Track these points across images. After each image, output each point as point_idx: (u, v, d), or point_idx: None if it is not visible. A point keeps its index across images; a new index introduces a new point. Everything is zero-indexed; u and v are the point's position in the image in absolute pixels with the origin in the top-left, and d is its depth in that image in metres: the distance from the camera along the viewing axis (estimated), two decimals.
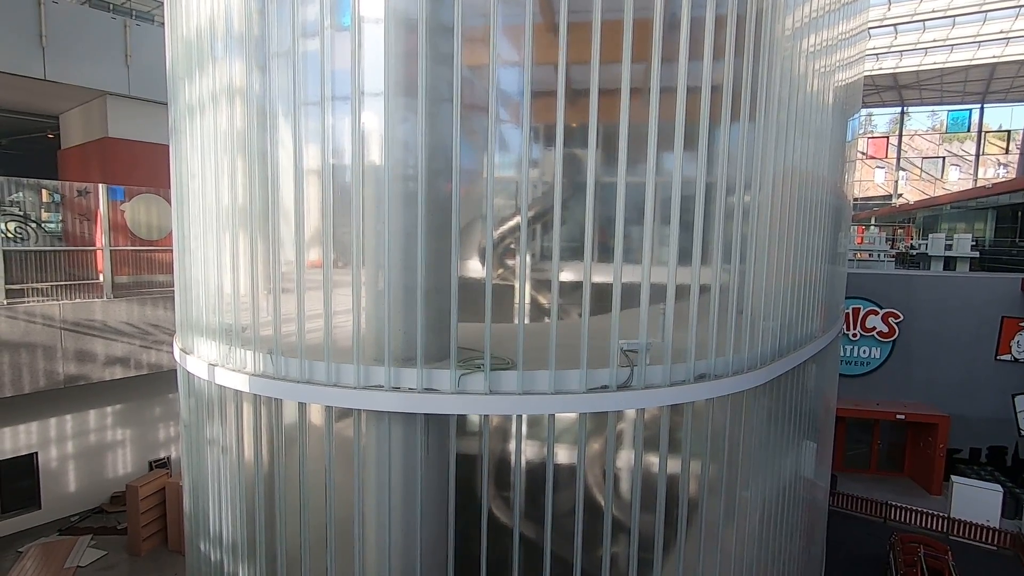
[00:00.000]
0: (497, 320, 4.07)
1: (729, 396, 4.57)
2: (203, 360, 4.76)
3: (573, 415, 4.23)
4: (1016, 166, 40.81)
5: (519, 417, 4.18)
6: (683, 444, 4.52)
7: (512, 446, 4.31)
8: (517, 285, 4.28)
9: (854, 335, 17.76)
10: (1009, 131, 41.91)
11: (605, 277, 4.18)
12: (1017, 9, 24.27)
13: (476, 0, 3.94)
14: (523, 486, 4.34)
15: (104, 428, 12.80)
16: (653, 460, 4.46)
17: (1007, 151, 41.94)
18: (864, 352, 17.85)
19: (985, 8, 23.67)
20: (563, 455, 4.39)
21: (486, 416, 4.16)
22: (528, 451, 4.44)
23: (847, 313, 17.61)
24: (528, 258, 4.35)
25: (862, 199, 45.00)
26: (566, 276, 4.27)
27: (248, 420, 4.49)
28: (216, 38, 4.63)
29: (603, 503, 4.40)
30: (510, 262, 4.46)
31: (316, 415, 4.27)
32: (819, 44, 6.42)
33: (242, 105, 4.50)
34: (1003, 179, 38.58)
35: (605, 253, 4.19)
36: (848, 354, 17.78)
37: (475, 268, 4.38)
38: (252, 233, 4.45)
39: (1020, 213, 22.60)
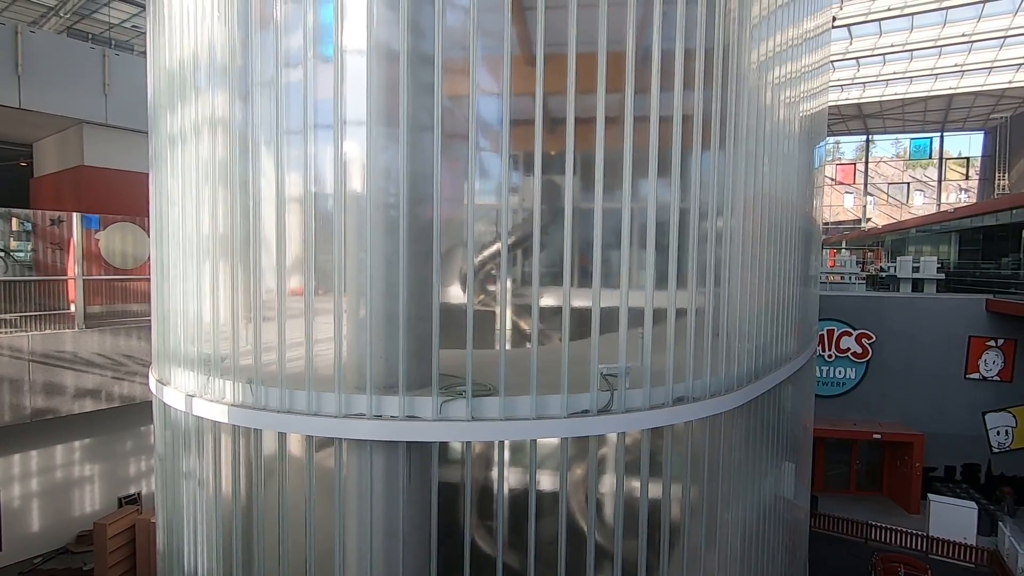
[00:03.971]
0: (478, 346, 4.11)
1: (708, 418, 4.63)
2: (180, 391, 4.67)
3: (555, 441, 4.26)
4: (976, 191, 42.59)
5: (501, 443, 4.18)
6: (663, 467, 4.56)
7: (495, 472, 4.30)
8: (498, 311, 4.33)
9: (829, 356, 18.11)
10: (968, 158, 43.82)
11: (585, 302, 4.26)
12: (969, 44, 25.67)
13: (455, 32, 4.08)
14: (506, 513, 4.32)
15: (71, 464, 12.34)
16: (635, 484, 4.49)
17: (967, 177, 43.78)
18: (840, 373, 18.20)
19: (940, 43, 24.99)
20: (546, 481, 4.38)
21: (468, 443, 4.15)
22: (511, 477, 4.43)
23: (822, 335, 17.99)
24: (509, 284, 4.41)
25: (833, 223, 46.34)
26: (547, 301, 4.34)
27: (227, 452, 4.41)
28: (198, 68, 4.69)
29: (586, 528, 4.39)
30: (491, 288, 4.51)
31: (296, 445, 4.22)
32: (784, 76, 6.72)
33: (224, 134, 4.53)
34: (964, 204, 40.17)
35: (584, 278, 4.27)
36: (824, 375, 18.10)
37: (456, 294, 4.43)
38: (232, 261, 4.44)
39: (982, 236, 23.52)
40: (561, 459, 4.24)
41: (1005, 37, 24.09)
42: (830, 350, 18.10)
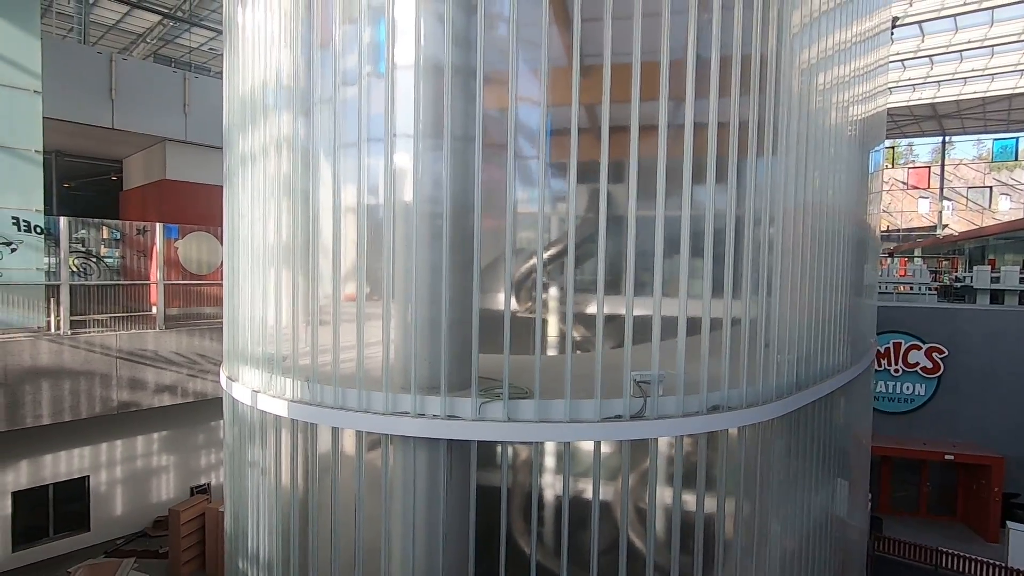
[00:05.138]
0: (516, 352, 4.32)
1: (745, 428, 4.64)
2: (247, 387, 5.14)
3: (604, 448, 4.40)
4: None
5: (537, 444, 4.37)
6: (698, 476, 4.61)
7: (531, 474, 4.48)
8: (536, 317, 4.53)
9: (896, 371, 17.17)
10: None
11: (619, 310, 4.39)
12: None
13: (497, 45, 4.31)
14: (542, 515, 4.50)
15: (150, 454, 13.40)
16: (670, 491, 4.56)
17: None
18: (907, 388, 17.21)
19: None
20: (579, 485, 4.53)
21: (505, 443, 4.36)
22: (546, 480, 4.60)
23: (887, 348, 17.10)
24: (548, 292, 4.60)
25: (905, 230, 43.82)
26: (584, 309, 4.50)
27: (286, 444, 4.82)
28: (266, 90, 5.17)
29: (619, 532, 4.51)
30: (530, 295, 4.72)
31: (348, 439, 4.56)
32: (836, 80, 6.61)
33: (287, 150, 4.97)
34: None
35: (620, 287, 4.40)
36: (890, 390, 17.17)
37: (496, 301, 4.66)
38: (293, 269, 4.86)
39: None
40: (594, 462, 4.37)
41: None
42: (897, 364, 17.17)
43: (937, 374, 16.92)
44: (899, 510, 16.77)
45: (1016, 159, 41.52)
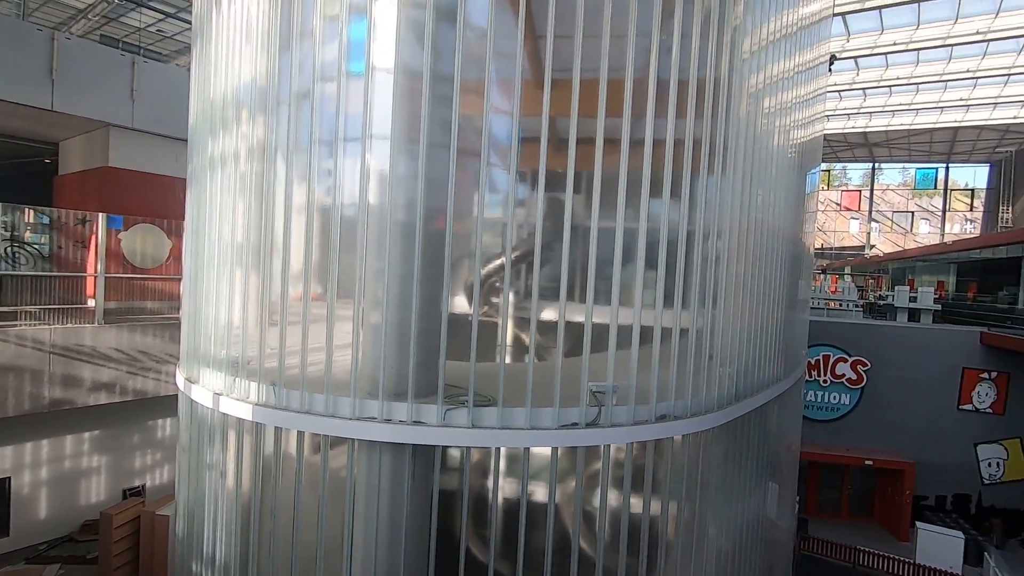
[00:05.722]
0: (481, 359, 4.52)
1: (689, 436, 5.03)
2: (208, 389, 5.11)
3: (548, 452, 4.65)
4: (980, 223, 42.86)
5: (497, 450, 4.59)
6: (646, 482, 4.94)
7: (491, 479, 4.69)
8: (500, 323, 4.75)
9: (824, 381, 18.40)
10: (973, 189, 44.15)
11: (580, 317, 4.67)
12: (974, 80, 26.13)
13: (473, 55, 4.50)
14: (499, 518, 4.71)
15: (80, 455, 12.75)
16: (619, 496, 4.87)
17: (972, 208, 44.09)
18: (834, 398, 18.47)
19: (946, 78, 25.47)
20: (538, 490, 4.77)
21: (468, 448, 4.56)
22: (505, 485, 4.82)
23: (818, 360, 18.29)
24: (511, 298, 4.80)
25: (838, 248, 46.65)
26: (546, 315, 4.74)
27: (249, 447, 4.84)
28: (238, 90, 5.16)
29: (571, 536, 4.78)
30: (495, 301, 4.92)
31: (313, 443, 4.64)
32: (779, 105, 7.16)
33: (256, 150, 4.98)
34: (969, 235, 40.42)
35: (579, 295, 4.67)
36: (819, 400, 18.38)
37: (462, 306, 4.84)
38: (261, 270, 4.89)
39: (980, 269, 23.83)
40: (551, 468, 4.64)
41: (1009, 74, 24.57)
42: (825, 375, 18.39)
43: (860, 385, 18.24)
44: (823, 512, 17.95)
45: (935, 187, 45.08)
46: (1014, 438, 17.17)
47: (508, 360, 4.79)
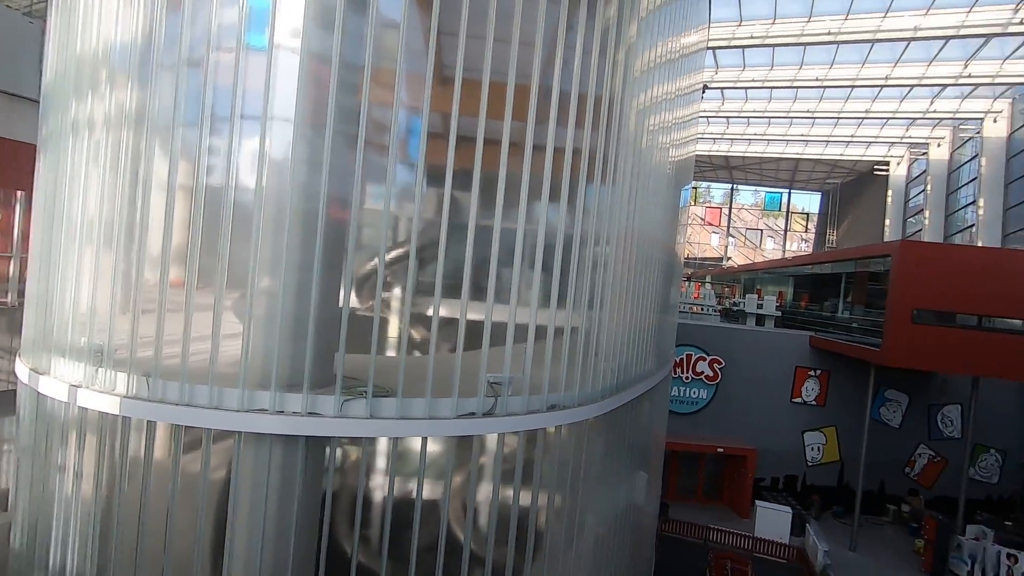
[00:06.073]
0: (379, 351, 4.51)
1: (575, 424, 5.41)
2: (62, 381, 4.53)
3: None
4: (812, 242, 49.84)
5: (394, 440, 4.61)
6: (536, 467, 5.24)
7: (383, 471, 4.69)
8: (399, 318, 4.77)
9: (687, 378, 20.37)
10: (808, 213, 51.21)
11: (479, 315, 4.84)
12: (812, 119, 30.37)
13: (384, 45, 4.45)
14: (390, 507, 4.73)
15: None
16: (512, 483, 5.11)
17: (807, 229, 51.12)
18: (694, 393, 20.53)
19: (791, 115, 29.32)
20: (430, 480, 4.84)
21: (365, 439, 4.53)
22: (400, 477, 4.84)
23: (681, 359, 20.21)
24: (411, 294, 4.84)
25: (701, 259, 51.61)
26: (444, 312, 4.84)
27: (113, 445, 4.37)
28: (108, 47, 4.63)
29: (464, 523, 4.94)
30: (393, 294, 4.92)
31: (192, 439, 4.32)
32: (661, 124, 7.88)
33: (131, 118, 4.51)
34: (803, 253, 46.77)
35: (479, 292, 4.83)
36: (682, 395, 20.30)
37: (363, 298, 4.79)
38: (134, 252, 4.44)
39: (810, 282, 27.79)
40: (447, 456, 4.76)
41: (839, 118, 28.91)
42: (688, 372, 20.37)
43: (716, 381, 20.45)
44: (681, 496, 19.85)
45: (780, 209, 51.68)
46: (831, 426, 20.24)
47: (407, 353, 4.82)
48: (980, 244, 24.11)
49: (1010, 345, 15.65)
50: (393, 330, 5.10)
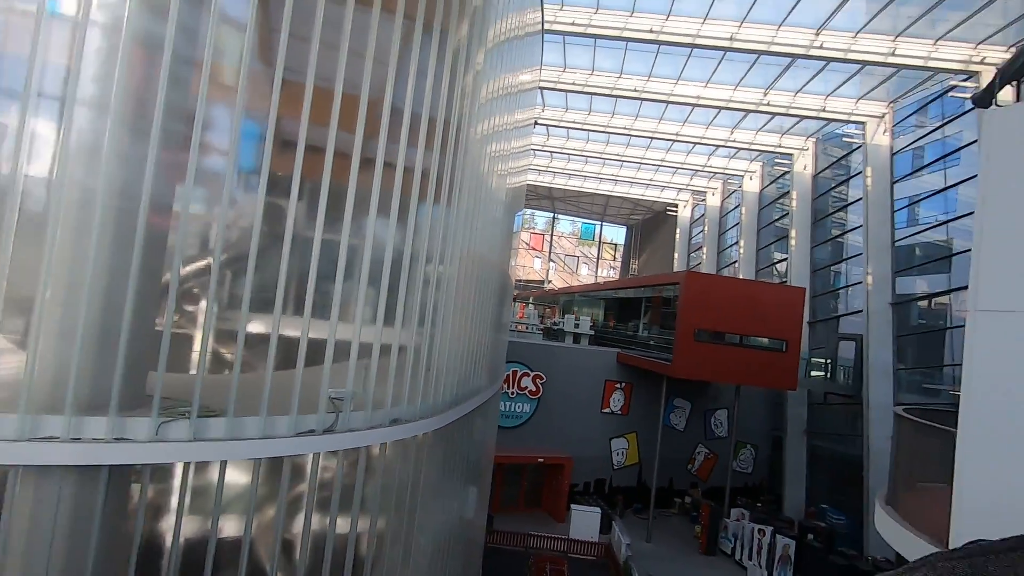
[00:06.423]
0: (198, 368, 4.13)
1: (417, 437, 5.49)
2: None
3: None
4: (619, 270, 56.36)
5: (223, 463, 4.21)
6: (375, 483, 5.19)
7: (209, 495, 4.26)
8: (204, 332, 4.40)
9: (512, 393, 21.48)
10: (616, 244, 57.84)
11: (317, 332, 4.69)
12: (620, 162, 34.62)
13: (198, 32, 4.15)
14: (217, 535, 4.30)
15: None
16: (351, 498, 4.99)
17: (615, 258, 57.65)
18: (519, 407, 21.72)
19: (604, 156, 33.11)
20: (262, 507, 4.51)
21: (187, 464, 4.06)
22: (225, 507, 4.43)
23: (508, 375, 21.30)
24: (242, 308, 4.53)
25: (524, 281, 54.93)
26: (260, 328, 4.58)
27: None
28: None
29: (299, 545, 4.68)
30: (212, 310, 4.53)
31: None
32: (499, 152, 8.45)
33: None
34: (611, 279, 52.56)
35: (312, 309, 4.68)
36: (508, 409, 21.33)
37: (185, 310, 4.35)
38: None
39: (617, 305, 31.44)
40: (283, 475, 4.49)
41: (641, 163, 33.42)
42: (513, 387, 21.49)
43: (538, 396, 21.90)
44: (506, 507, 20.71)
45: (593, 239, 57.59)
46: (632, 432, 22.95)
47: (232, 370, 4.46)
48: (741, 276, 29.63)
49: (760, 359, 19.48)
50: (216, 345, 4.70)
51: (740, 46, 16.80)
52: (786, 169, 27.41)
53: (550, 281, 55.69)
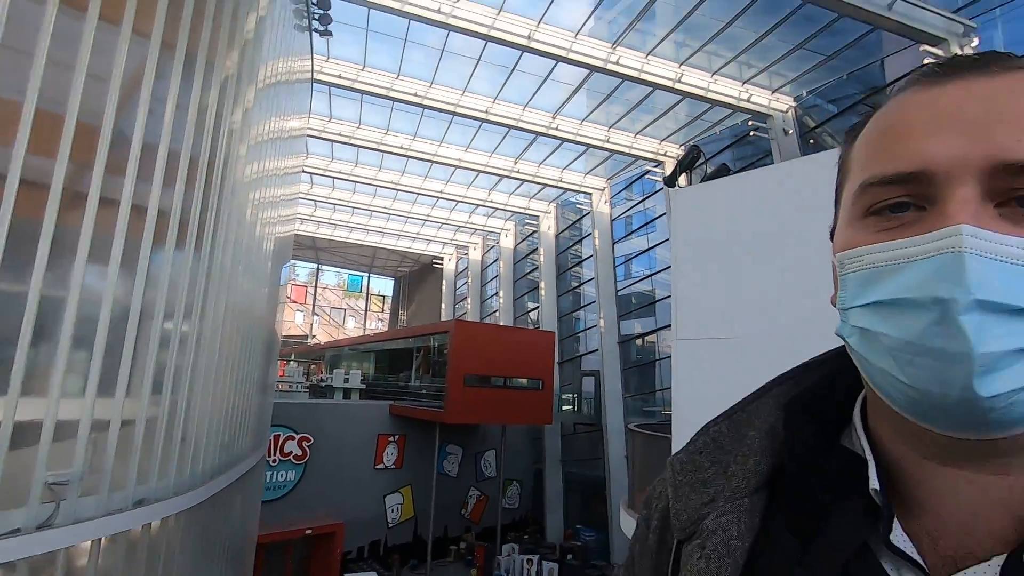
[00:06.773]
0: None
1: (169, 518, 4.61)
2: None
3: None
4: (388, 322, 56.12)
5: None
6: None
7: None
8: None
9: (274, 461, 19.30)
10: (384, 296, 57.68)
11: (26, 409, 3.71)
12: (388, 215, 35.19)
13: None
14: None
15: None
16: None
17: (383, 310, 57.28)
18: (282, 476, 19.56)
19: (372, 208, 33.28)
20: None
21: None
22: None
23: (269, 441, 19.14)
24: None
25: (285, 337, 50.66)
26: None
27: None
28: None
29: None
30: None
31: None
32: (266, 199, 7.94)
33: None
34: (380, 331, 52.00)
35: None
36: (269, 480, 19.03)
37: None
38: None
39: (388, 356, 31.17)
40: None
41: (408, 217, 34.48)
42: (275, 455, 19.35)
43: (304, 460, 20.10)
44: None
45: (360, 291, 56.45)
46: (407, 485, 22.59)
47: None
48: (502, 324, 32.33)
49: (522, 398, 21.37)
50: None
51: (493, 119, 19.05)
52: (534, 229, 31.36)
53: (314, 335, 52.43)
